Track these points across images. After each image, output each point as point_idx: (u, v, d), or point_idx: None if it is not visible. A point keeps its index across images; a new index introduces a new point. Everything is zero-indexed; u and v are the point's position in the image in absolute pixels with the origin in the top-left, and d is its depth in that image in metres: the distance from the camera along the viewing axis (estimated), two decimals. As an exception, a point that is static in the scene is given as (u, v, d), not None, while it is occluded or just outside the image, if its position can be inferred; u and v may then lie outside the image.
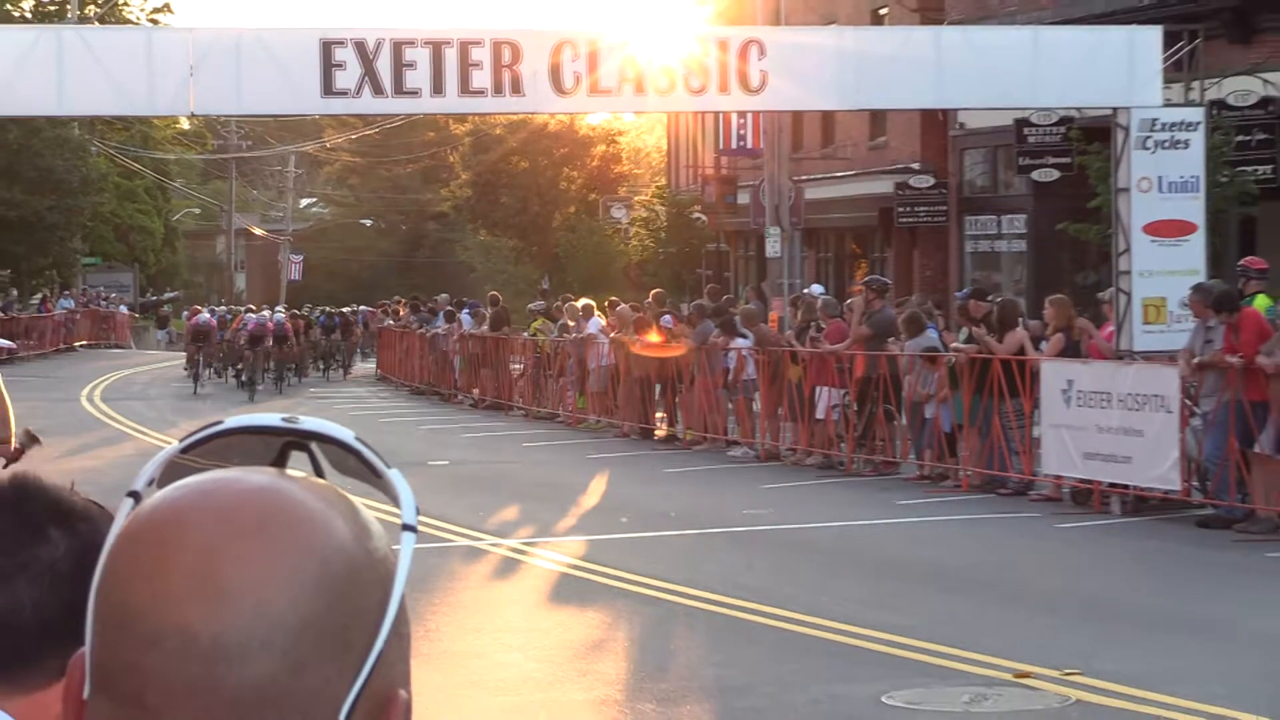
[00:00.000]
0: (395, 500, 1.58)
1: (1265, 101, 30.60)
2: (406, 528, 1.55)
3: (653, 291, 38.45)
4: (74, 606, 2.68)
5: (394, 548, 1.55)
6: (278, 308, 59.56)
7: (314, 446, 1.62)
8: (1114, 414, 22.98)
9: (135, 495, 1.56)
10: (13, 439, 14.39)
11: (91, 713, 1.52)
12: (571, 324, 39.25)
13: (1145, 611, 16.83)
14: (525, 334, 42.37)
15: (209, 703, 1.46)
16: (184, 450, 1.61)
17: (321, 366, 57.24)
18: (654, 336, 32.18)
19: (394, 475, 1.58)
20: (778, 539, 21.75)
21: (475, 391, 44.82)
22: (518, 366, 42.01)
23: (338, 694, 1.48)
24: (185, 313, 69.56)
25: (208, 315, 56.80)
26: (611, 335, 36.57)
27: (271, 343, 51.57)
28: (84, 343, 72.43)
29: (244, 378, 50.57)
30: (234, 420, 1.63)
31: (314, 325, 57.20)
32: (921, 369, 26.72)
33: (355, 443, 1.60)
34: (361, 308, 67.46)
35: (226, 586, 1.47)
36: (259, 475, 1.55)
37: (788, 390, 29.81)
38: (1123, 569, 19.54)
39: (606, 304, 40.32)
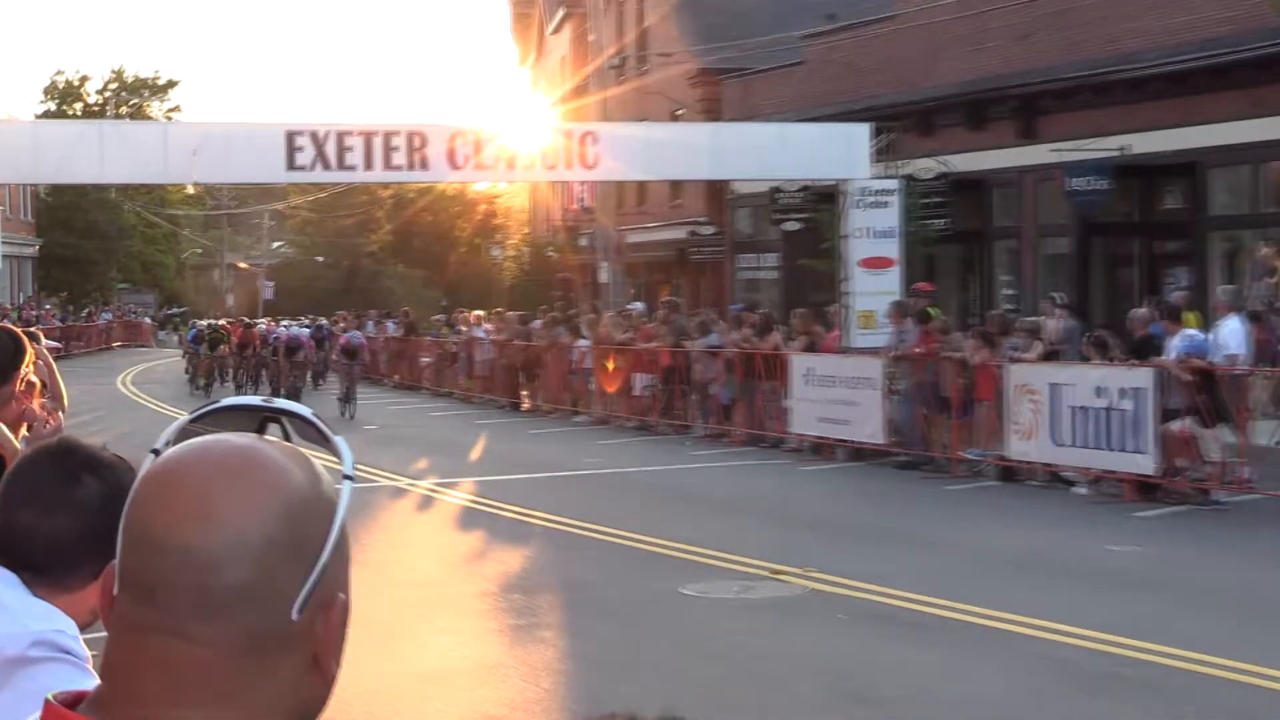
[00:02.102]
0: (339, 458, 1.58)
1: (941, 175, 30.89)
2: (346, 477, 1.56)
3: (546, 308, 38.60)
4: (101, 532, 2.68)
5: (337, 487, 1.55)
6: (285, 322, 53.05)
7: (284, 420, 1.63)
8: (839, 391, 23.16)
9: (156, 451, 1.56)
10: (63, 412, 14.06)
11: (118, 605, 1.51)
12: (464, 329, 39.11)
13: (863, 528, 16.98)
14: (430, 335, 42.23)
15: (201, 599, 1.46)
16: (192, 420, 1.62)
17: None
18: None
19: (339, 440, 1.60)
20: (607, 479, 21.76)
21: (396, 376, 44.55)
22: (426, 359, 41.79)
23: (293, 594, 1.48)
24: (191, 322, 68.39)
25: (298, 328, 41.38)
26: (493, 337, 36.54)
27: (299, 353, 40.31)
28: (119, 344, 71.52)
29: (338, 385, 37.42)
30: (228, 400, 1.65)
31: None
32: (707, 360, 26.82)
33: (313, 417, 1.62)
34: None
35: (216, 515, 1.46)
36: (243, 438, 1.55)
37: (615, 375, 29.86)
38: (847, 498, 19.69)
39: (493, 313, 40.24)
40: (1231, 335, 18.78)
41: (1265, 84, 23.70)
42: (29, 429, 5.00)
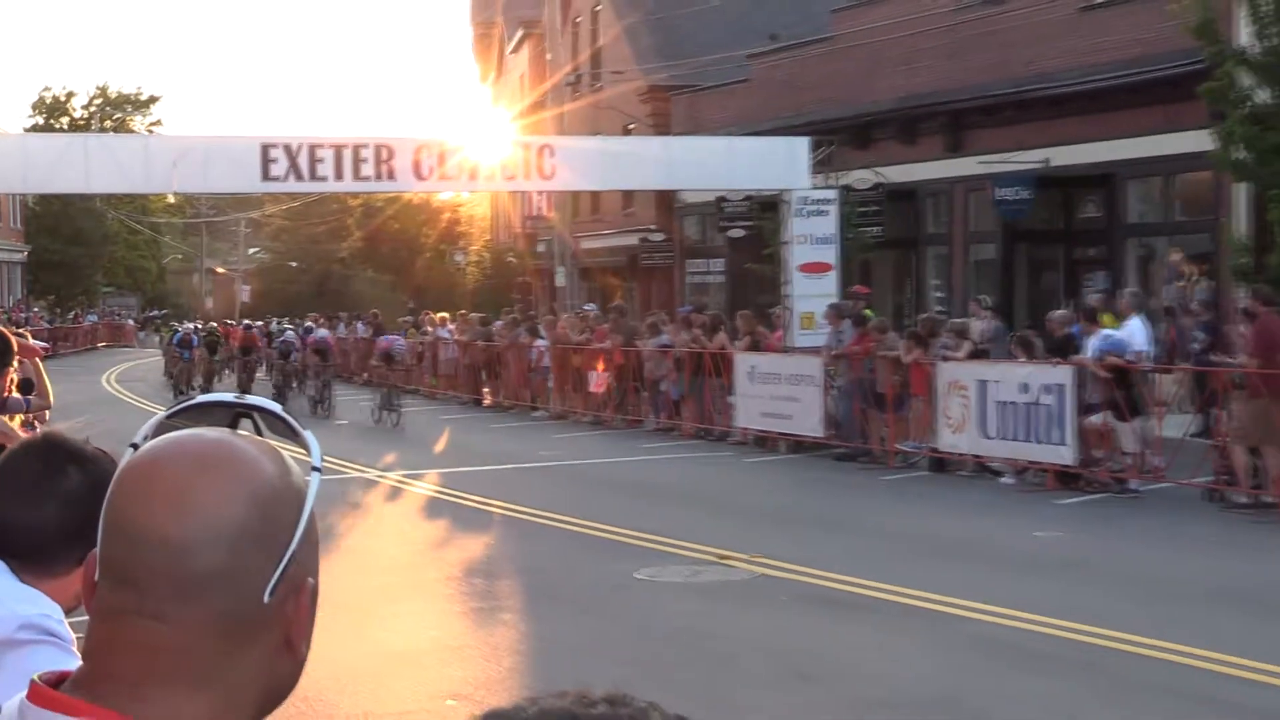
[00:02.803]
0: (308, 451, 1.57)
1: (876, 186, 30.92)
2: (314, 469, 1.55)
3: (508, 312, 38.37)
4: (85, 521, 2.66)
5: (306, 479, 1.54)
6: (284, 325, 50.40)
7: (256, 415, 1.61)
8: (781, 387, 23.21)
9: (135, 445, 1.55)
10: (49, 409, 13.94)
11: (100, 591, 1.50)
12: (430, 330, 38.97)
13: (804, 515, 17.02)
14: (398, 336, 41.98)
15: (177, 584, 1.45)
16: (169, 416, 1.60)
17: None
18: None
19: (307, 435, 1.59)
20: (563, 471, 21.74)
21: (365, 374, 44.33)
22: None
23: (265, 578, 1.47)
24: (171, 325, 68.01)
25: (325, 333, 38.35)
26: (456, 337, 36.44)
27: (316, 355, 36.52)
28: (103, 344, 71.09)
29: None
30: (203, 397, 1.64)
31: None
32: (658, 358, 26.82)
33: (282, 413, 1.61)
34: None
35: (191, 504, 1.45)
36: (216, 432, 1.54)
37: (571, 372, 29.82)
38: (789, 488, 19.72)
39: (457, 315, 40.08)
40: (1135, 333, 18.99)
41: (1177, 101, 23.86)
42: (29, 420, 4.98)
